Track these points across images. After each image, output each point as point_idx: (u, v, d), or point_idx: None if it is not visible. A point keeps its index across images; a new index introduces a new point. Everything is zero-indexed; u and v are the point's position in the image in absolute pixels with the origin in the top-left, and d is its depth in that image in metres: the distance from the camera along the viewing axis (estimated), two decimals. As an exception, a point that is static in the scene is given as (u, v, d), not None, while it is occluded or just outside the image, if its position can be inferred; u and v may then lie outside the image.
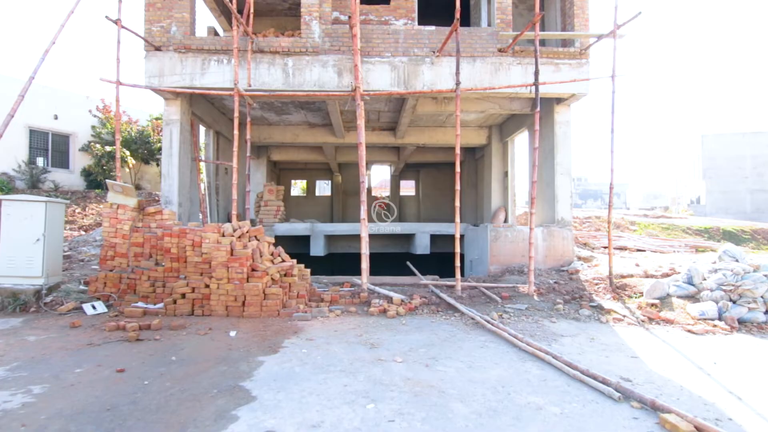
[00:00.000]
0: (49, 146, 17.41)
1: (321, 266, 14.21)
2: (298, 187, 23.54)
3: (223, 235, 6.26)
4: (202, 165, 12.19)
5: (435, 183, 18.73)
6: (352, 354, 4.40)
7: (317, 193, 21.35)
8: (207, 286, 5.93)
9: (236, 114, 7.54)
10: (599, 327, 5.77)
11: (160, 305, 6.03)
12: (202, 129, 12.34)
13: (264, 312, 5.82)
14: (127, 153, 17.61)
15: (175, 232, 6.43)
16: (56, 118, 17.38)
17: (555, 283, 8.24)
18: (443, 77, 8.74)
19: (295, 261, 6.99)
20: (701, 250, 12.75)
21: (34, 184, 15.95)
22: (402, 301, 6.46)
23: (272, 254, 6.69)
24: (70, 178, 17.44)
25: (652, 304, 6.64)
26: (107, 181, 6.98)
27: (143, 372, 3.87)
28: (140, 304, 6.13)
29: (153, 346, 4.58)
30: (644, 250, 11.90)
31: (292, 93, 7.73)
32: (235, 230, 6.37)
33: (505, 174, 13.04)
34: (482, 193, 14.19)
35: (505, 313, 6.27)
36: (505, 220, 12.70)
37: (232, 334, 5.00)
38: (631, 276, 8.33)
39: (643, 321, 6.08)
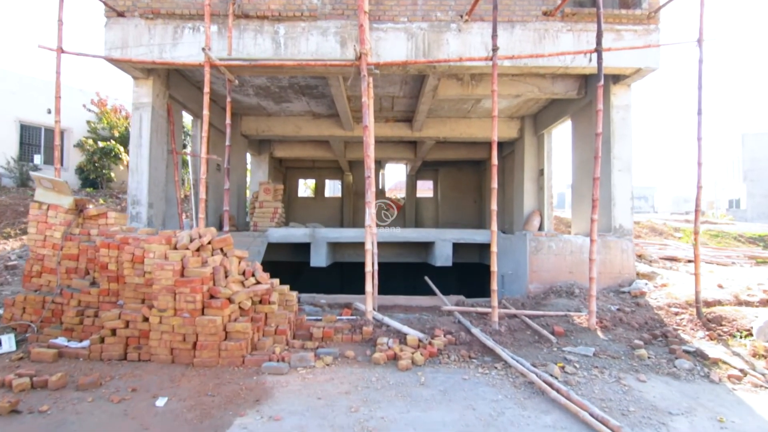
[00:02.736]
0: (42, 142, 16.14)
1: (326, 277, 12.49)
2: (308, 189, 21.90)
3: (175, 248, 4.57)
4: (189, 160, 10.63)
5: (455, 183, 16.85)
6: (337, 458, 2.63)
7: (327, 194, 19.65)
8: (146, 319, 4.24)
9: (207, 89, 5.86)
10: (715, 391, 3.86)
11: (86, 343, 4.37)
12: (188, 118, 10.82)
13: (223, 358, 4.09)
14: (122, 149, 16.28)
15: (115, 243, 4.77)
16: (50, 112, 16.15)
17: (618, 310, 6.32)
18: (473, 47, 6.93)
19: (277, 281, 5.26)
20: (761, 261, 10.67)
21: (23, 182, 14.67)
22: (420, 341, 4.64)
23: (244, 273, 4.96)
24: (64, 176, 16.02)
25: (774, 350, 4.70)
26: (32, 173, 5.41)
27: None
28: (60, 340, 4.47)
29: (27, 428, 2.90)
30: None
31: (280, 62, 6.02)
32: (192, 240, 4.68)
33: (541, 172, 11.10)
34: (512, 195, 12.26)
35: (567, 362, 4.41)
36: (540, 226, 10.77)
37: (160, 403, 3.27)
38: (719, 303, 6.35)
39: (773, 379, 4.15)
